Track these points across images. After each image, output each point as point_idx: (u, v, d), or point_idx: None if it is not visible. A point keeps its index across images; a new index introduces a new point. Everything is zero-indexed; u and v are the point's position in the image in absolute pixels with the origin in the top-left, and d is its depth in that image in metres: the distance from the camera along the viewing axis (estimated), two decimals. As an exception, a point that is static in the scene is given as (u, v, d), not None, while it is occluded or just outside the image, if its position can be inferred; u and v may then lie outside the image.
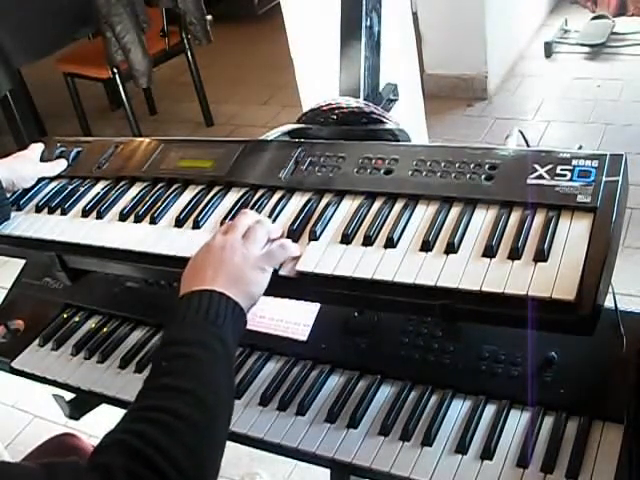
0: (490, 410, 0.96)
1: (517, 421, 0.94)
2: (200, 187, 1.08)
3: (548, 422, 0.93)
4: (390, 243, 0.87)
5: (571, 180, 0.84)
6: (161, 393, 0.73)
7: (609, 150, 0.86)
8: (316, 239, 0.92)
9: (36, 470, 0.64)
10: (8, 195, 1.18)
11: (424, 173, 0.93)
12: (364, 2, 1.24)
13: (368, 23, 1.24)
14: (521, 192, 0.86)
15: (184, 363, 0.75)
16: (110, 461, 0.65)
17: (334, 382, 1.07)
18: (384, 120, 1.15)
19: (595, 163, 0.85)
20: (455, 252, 0.84)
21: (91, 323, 1.33)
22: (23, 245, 1.13)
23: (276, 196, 1.01)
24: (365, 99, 1.20)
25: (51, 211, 1.15)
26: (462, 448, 0.92)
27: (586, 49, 3.71)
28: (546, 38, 3.82)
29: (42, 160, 1.25)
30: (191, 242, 0.96)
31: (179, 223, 1.02)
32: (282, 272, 0.89)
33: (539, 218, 0.83)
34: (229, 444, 1.06)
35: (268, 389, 1.08)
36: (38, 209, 1.17)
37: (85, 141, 1.30)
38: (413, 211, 0.91)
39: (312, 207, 0.96)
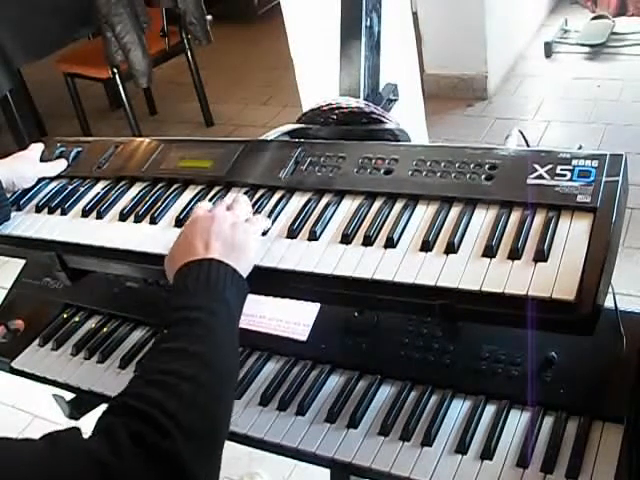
0: (490, 410, 0.96)
1: (517, 421, 0.94)
2: (200, 187, 1.08)
3: (548, 422, 0.92)
4: (390, 243, 0.87)
5: (571, 180, 0.84)
6: (163, 356, 0.74)
7: (609, 150, 0.86)
8: (316, 239, 0.92)
9: (37, 445, 0.63)
10: (8, 195, 1.18)
11: (424, 173, 0.93)
12: (364, 2, 1.24)
13: (368, 23, 1.24)
14: (521, 192, 0.86)
15: (187, 327, 0.76)
16: (111, 422, 0.65)
17: (334, 382, 1.07)
18: (384, 120, 1.15)
19: (595, 163, 0.85)
20: (455, 252, 0.84)
21: (91, 323, 1.33)
22: (23, 245, 1.13)
23: (276, 196, 1.01)
24: (365, 99, 1.19)
25: (51, 211, 1.15)
26: (462, 448, 0.92)
27: (586, 49, 3.71)
28: (546, 38, 3.82)
29: (42, 160, 1.25)
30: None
31: (179, 223, 1.02)
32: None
33: (539, 218, 0.83)
34: (229, 444, 1.06)
35: (268, 389, 1.07)
36: (38, 209, 1.17)
37: (85, 141, 1.30)
38: (413, 211, 0.91)
39: (312, 207, 0.96)
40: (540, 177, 0.86)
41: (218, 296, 0.79)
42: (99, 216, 1.10)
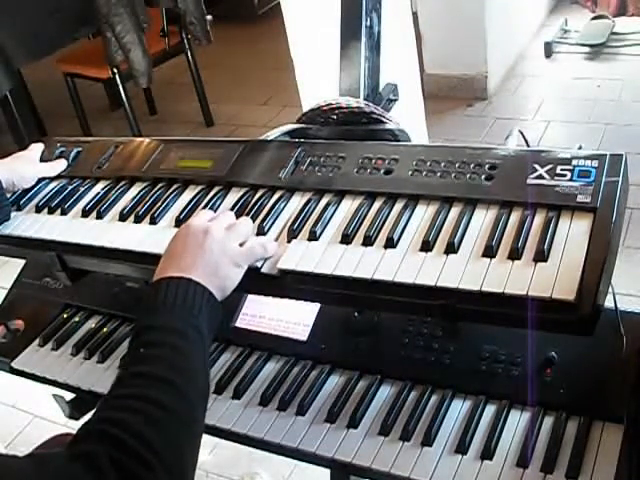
0: (490, 410, 0.96)
1: (517, 421, 0.94)
2: (200, 187, 1.08)
3: (548, 422, 0.93)
4: (390, 243, 0.87)
5: (571, 180, 0.84)
6: (140, 381, 0.72)
7: (609, 150, 0.86)
8: (316, 239, 0.92)
9: (23, 463, 0.63)
10: (8, 195, 1.18)
11: (424, 173, 0.93)
12: (364, 2, 1.24)
13: (368, 23, 1.24)
14: (521, 192, 0.86)
15: (163, 351, 0.74)
16: (93, 450, 0.64)
17: (334, 382, 1.07)
18: (384, 120, 1.15)
19: (595, 163, 0.85)
20: (455, 252, 0.84)
21: (91, 323, 1.33)
22: (23, 245, 1.13)
23: (276, 196, 1.01)
24: (365, 99, 1.19)
25: (51, 211, 1.15)
26: (462, 448, 0.92)
27: (586, 49, 3.71)
28: (546, 38, 3.82)
29: (42, 160, 1.25)
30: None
31: (179, 223, 1.02)
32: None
33: (539, 218, 0.83)
34: (229, 444, 1.07)
35: (268, 389, 1.07)
36: (38, 209, 1.17)
37: (85, 141, 1.30)
38: (413, 211, 0.91)
39: (312, 207, 0.96)
40: (540, 177, 0.86)
41: (193, 320, 0.78)
42: (99, 216, 1.10)
